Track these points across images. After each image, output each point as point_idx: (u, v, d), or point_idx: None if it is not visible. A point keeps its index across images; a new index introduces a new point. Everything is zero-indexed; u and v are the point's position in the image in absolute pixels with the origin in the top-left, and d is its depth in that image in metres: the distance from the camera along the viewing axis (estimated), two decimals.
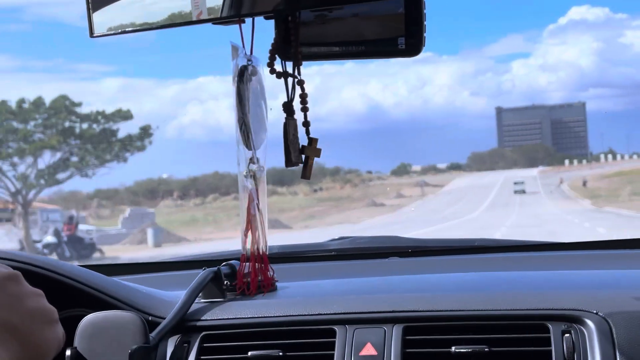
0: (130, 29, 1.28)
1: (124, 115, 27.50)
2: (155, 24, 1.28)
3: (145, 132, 27.17)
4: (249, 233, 1.45)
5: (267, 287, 1.55)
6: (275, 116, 1.38)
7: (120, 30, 1.29)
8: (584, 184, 44.38)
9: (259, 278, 1.54)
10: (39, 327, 0.93)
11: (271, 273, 1.56)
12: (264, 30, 1.31)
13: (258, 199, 1.43)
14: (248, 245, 1.48)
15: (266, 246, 1.50)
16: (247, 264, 1.52)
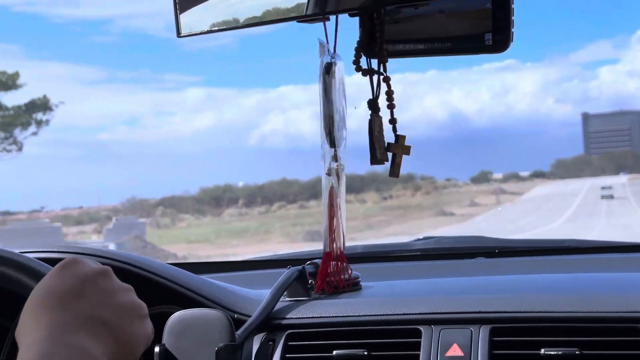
0: (216, 28, 1.30)
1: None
2: (240, 24, 1.29)
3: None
4: (331, 231, 1.45)
5: (348, 286, 1.54)
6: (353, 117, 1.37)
7: (206, 30, 1.30)
8: None
9: (344, 277, 1.53)
10: (129, 321, 0.94)
11: (350, 271, 1.55)
12: (345, 28, 1.31)
13: (339, 197, 1.42)
14: (330, 244, 1.47)
15: (344, 244, 1.49)
16: (332, 262, 1.51)
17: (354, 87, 1.41)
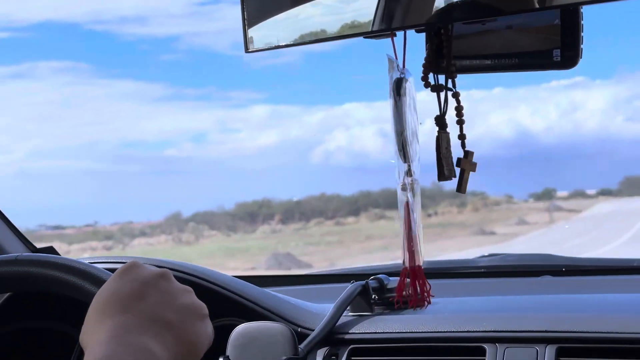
0: (283, 44, 1.31)
1: None
2: (307, 39, 1.30)
3: None
4: (408, 246, 1.45)
5: (420, 303, 1.53)
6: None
7: (274, 46, 1.32)
8: None
9: (419, 292, 1.52)
10: (190, 321, 0.95)
11: (428, 287, 1.54)
12: (413, 43, 1.31)
13: (415, 212, 1.42)
14: (407, 260, 1.47)
15: (422, 259, 1.48)
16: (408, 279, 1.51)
17: (419, 104, 1.41)
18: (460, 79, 1.33)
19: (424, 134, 1.38)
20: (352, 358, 1.46)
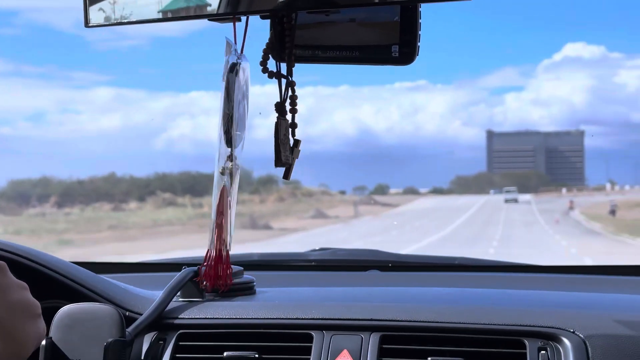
0: (125, 21, 1.28)
1: None
2: (150, 18, 1.28)
3: None
4: (218, 231, 1.44)
5: (226, 286, 1.50)
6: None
7: (115, 22, 1.29)
8: (612, 211, 31.64)
9: (223, 280, 1.51)
10: (21, 320, 0.91)
11: (229, 272, 1.51)
12: (257, 30, 1.32)
13: (231, 197, 1.42)
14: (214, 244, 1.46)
15: (230, 244, 1.47)
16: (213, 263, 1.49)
17: (265, 96, 1.42)
18: (308, 75, 1.34)
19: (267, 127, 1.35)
20: (180, 343, 1.45)
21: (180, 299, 1.54)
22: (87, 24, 1.30)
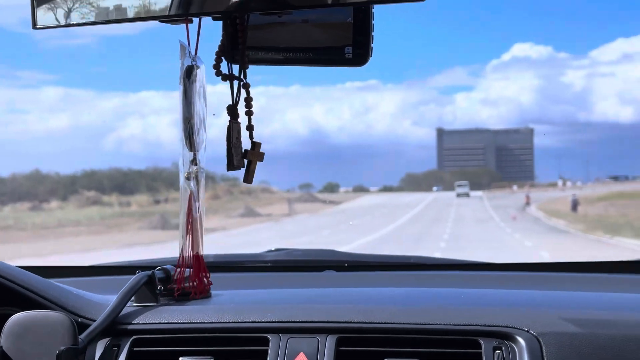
0: (74, 22, 1.26)
1: None
2: (101, 19, 1.26)
3: None
4: (189, 236, 1.44)
5: (202, 292, 1.53)
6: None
7: (65, 24, 1.27)
8: (574, 206, 30.13)
9: (194, 284, 1.52)
10: None
11: (206, 278, 1.54)
12: (211, 31, 1.30)
13: (199, 201, 1.41)
14: (187, 249, 1.46)
15: (202, 249, 1.48)
16: (187, 269, 1.50)
17: (215, 95, 1.41)
18: (259, 74, 1.34)
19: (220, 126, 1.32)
20: (135, 349, 1.43)
21: (135, 304, 1.52)
22: (34, 25, 1.28)
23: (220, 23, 1.30)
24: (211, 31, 1.30)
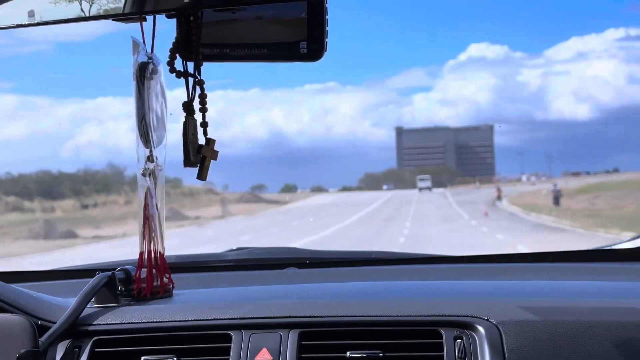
0: (26, 22, 1.25)
1: None
2: (55, 19, 1.26)
3: None
4: (146, 234, 1.43)
5: (163, 291, 1.52)
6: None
7: (15, 24, 1.26)
8: (556, 199, 27.70)
9: (156, 283, 1.51)
10: None
11: (167, 277, 1.53)
12: (166, 29, 1.30)
13: (156, 199, 1.41)
14: (145, 247, 1.45)
15: (164, 248, 1.48)
16: (144, 268, 1.49)
17: (174, 101, 1.39)
18: (217, 78, 1.34)
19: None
20: (96, 350, 1.43)
21: (95, 305, 1.51)
22: None
23: (174, 21, 1.30)
24: (168, 30, 1.30)
